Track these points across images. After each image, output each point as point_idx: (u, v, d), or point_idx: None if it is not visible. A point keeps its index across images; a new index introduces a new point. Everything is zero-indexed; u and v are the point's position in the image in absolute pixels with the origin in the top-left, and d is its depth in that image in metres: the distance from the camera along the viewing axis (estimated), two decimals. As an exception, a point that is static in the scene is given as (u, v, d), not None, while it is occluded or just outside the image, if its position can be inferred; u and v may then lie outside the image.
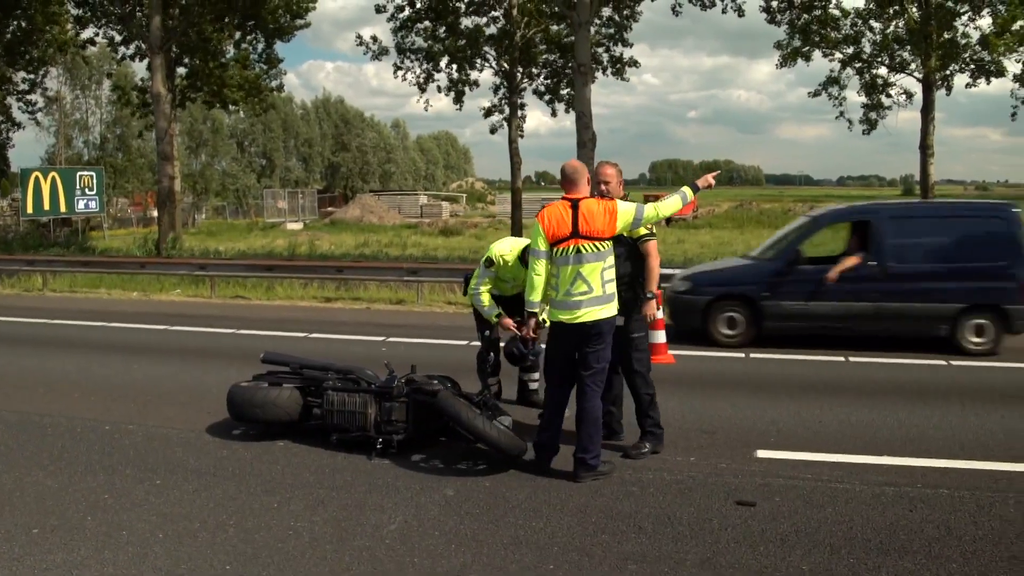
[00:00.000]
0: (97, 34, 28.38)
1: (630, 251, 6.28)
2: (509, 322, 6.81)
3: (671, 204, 6.00)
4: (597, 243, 5.69)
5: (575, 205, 5.73)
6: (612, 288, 5.78)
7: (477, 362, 7.42)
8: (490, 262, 7.11)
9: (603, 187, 6.32)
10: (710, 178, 6.19)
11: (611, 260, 5.78)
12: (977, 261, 10.61)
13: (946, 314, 10.63)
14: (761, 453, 6.41)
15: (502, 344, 7.03)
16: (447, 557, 4.57)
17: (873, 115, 23.86)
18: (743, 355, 10.39)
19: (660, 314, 6.22)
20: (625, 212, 5.79)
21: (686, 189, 6.06)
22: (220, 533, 4.90)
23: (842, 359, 10.12)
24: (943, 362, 9.96)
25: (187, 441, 6.77)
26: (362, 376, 6.72)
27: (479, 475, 5.93)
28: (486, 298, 7.11)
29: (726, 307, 11.16)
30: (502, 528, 4.98)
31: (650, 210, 5.92)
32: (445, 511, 5.24)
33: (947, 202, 15.61)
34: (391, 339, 11.63)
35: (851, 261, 10.80)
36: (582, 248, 5.67)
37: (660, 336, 9.91)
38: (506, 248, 7.17)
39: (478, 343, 7.67)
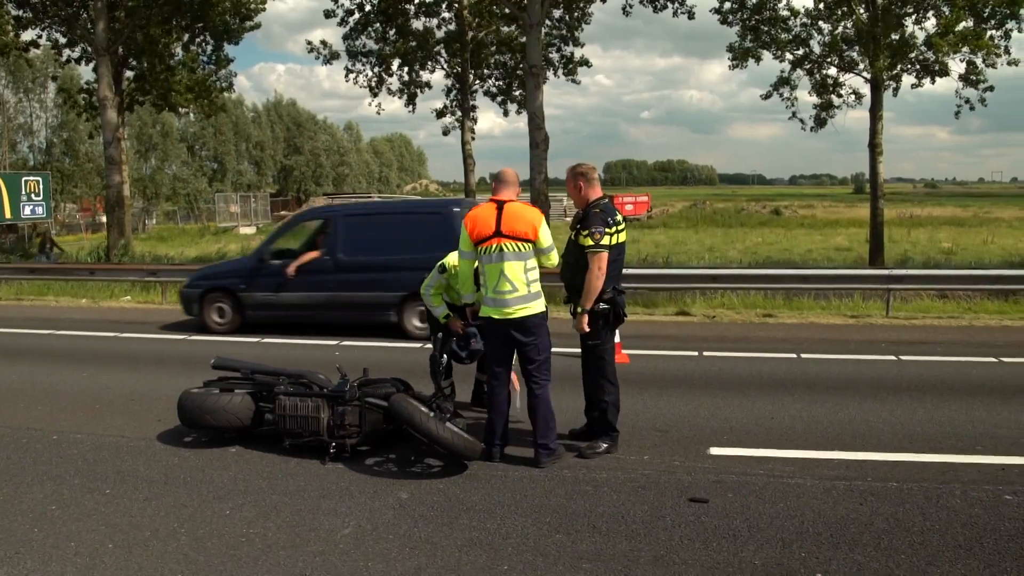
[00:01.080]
0: (40, 36, 27.75)
1: (583, 260, 6.18)
2: (458, 324, 6.97)
3: (556, 256, 6.20)
4: (519, 243, 5.95)
5: (500, 206, 6.03)
6: (536, 287, 6.04)
7: (430, 364, 7.39)
8: (443, 268, 7.22)
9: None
10: None
11: (533, 262, 6.03)
12: (417, 253, 11.23)
13: (390, 302, 11.91)
14: (714, 450, 6.47)
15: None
16: (402, 560, 4.55)
17: (823, 114, 24.13)
18: (696, 353, 10.49)
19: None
20: (542, 233, 6.03)
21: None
22: (172, 542, 4.84)
23: (794, 356, 10.26)
24: (893, 357, 10.14)
25: (137, 449, 6.67)
26: (314, 380, 6.68)
27: (433, 477, 5.92)
28: (436, 299, 7.31)
29: (215, 298, 12.88)
30: (456, 530, 4.97)
31: (553, 254, 6.13)
32: (399, 514, 5.22)
33: (398, 201, 16.60)
34: (344, 343, 11.56)
35: (308, 256, 12.23)
36: (504, 247, 5.94)
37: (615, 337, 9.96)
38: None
39: (431, 345, 7.65)
